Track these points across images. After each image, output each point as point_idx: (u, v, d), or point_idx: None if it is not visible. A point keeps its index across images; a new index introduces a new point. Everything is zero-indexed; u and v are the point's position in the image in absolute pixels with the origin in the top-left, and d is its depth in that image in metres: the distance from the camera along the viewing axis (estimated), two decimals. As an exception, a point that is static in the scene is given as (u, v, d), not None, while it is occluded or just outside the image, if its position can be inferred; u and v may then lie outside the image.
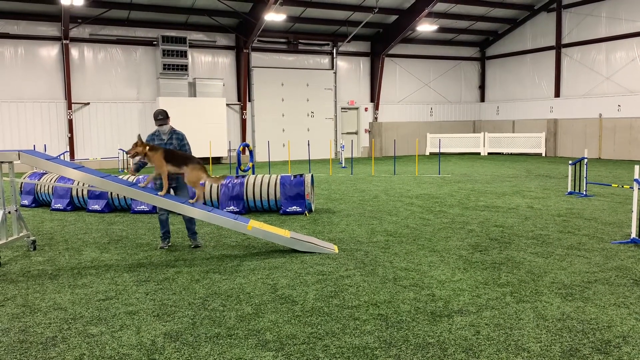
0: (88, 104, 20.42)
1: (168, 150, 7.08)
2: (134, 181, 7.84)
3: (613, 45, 21.60)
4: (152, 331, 4.37)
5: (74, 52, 20.14)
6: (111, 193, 10.27)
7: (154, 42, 21.01)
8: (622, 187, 11.95)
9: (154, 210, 10.09)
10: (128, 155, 7.20)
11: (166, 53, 20.63)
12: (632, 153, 20.94)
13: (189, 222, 7.32)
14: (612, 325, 4.34)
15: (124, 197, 10.21)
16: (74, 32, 19.88)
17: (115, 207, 10.54)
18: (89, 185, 9.83)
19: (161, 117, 7.42)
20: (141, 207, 10.18)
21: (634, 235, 7.14)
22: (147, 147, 6.90)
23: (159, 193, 6.92)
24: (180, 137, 7.54)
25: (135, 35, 20.93)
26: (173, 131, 7.53)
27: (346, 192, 12.60)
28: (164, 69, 20.66)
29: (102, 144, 20.69)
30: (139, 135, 7.08)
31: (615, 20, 21.40)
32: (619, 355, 3.80)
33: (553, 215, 9.20)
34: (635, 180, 7.16)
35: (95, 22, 20.01)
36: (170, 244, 7.50)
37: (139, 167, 7.44)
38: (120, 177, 9.34)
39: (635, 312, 4.60)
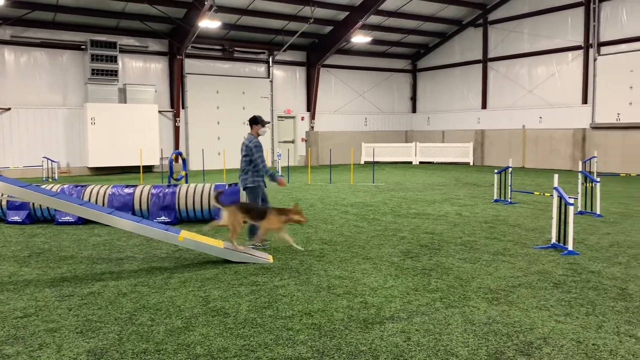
0: (9, 109, 19.31)
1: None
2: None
3: (535, 60, 22.87)
4: (75, 349, 4.15)
5: (-6, 54, 19.02)
6: (33, 203, 9.72)
7: (82, 47, 20.20)
8: (544, 194, 12.61)
9: (79, 221, 9.65)
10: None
11: (95, 58, 19.87)
12: (552, 162, 22.18)
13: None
14: (534, 327, 4.54)
15: (47, 207, 9.69)
16: (-6, 34, 18.79)
17: (37, 218, 9.98)
18: (8, 196, 9.25)
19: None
20: (66, 218, 9.70)
21: (554, 240, 7.53)
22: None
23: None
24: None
25: (62, 39, 20.04)
26: None
27: (282, 201, 12.56)
28: (93, 74, 19.90)
29: (25, 151, 19.60)
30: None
31: (536, 37, 22.67)
32: (540, 356, 3.97)
33: (480, 222, 9.56)
34: (555, 188, 7.56)
35: (17, 23, 19.00)
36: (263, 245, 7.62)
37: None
38: (44, 186, 8.88)
39: (555, 314, 4.84)
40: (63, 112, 20.27)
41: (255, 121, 7.83)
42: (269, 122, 7.97)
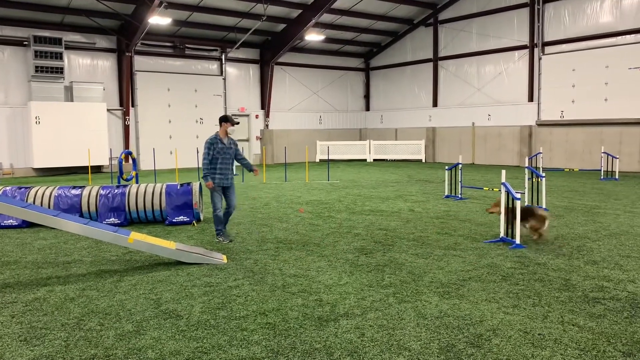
0: (-55, 108, 18.35)
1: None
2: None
3: (483, 59, 23.49)
4: (18, 358, 3.98)
5: None
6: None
7: (25, 43, 19.38)
8: (492, 189, 12.98)
9: (23, 224, 9.27)
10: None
11: (39, 54, 19.11)
12: (501, 158, 22.86)
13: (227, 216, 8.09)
14: (484, 319, 4.66)
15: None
16: None
17: (-23, 222, 9.52)
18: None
19: (233, 119, 8.12)
20: (9, 221, 9.29)
21: (502, 234, 7.76)
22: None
23: None
24: (236, 143, 8.20)
25: (2, 34, 19.17)
26: (230, 137, 8.14)
27: (237, 200, 12.42)
28: (37, 71, 19.13)
29: (-37, 152, 18.65)
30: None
31: (484, 37, 23.29)
32: (489, 347, 4.08)
33: (432, 218, 9.75)
34: (503, 183, 7.78)
35: (-47, 17, 18.06)
36: (230, 239, 8.02)
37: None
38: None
39: (503, 306, 4.98)
40: (5, 111, 19.41)
41: (225, 119, 8.03)
42: (238, 123, 8.20)
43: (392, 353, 3.99)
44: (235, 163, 8.41)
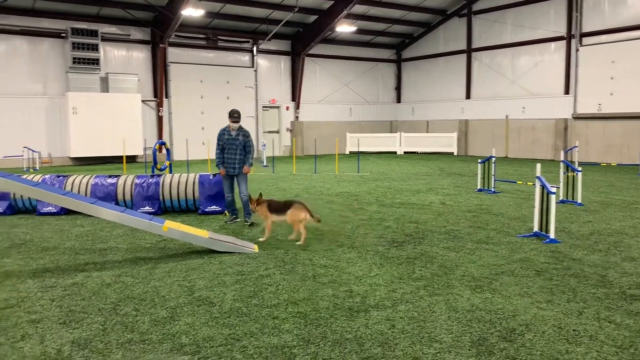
0: (-13, 98, 18.95)
1: (270, 201, 7.50)
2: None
3: (518, 50, 23.00)
4: (58, 340, 4.12)
5: (-29, 42, 18.60)
6: (14, 194, 9.57)
7: (63, 35, 19.84)
8: (526, 184, 12.75)
9: (61, 211, 9.54)
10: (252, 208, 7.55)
11: (76, 46, 19.53)
12: (535, 152, 22.40)
13: (246, 204, 8.48)
14: (517, 314, 4.60)
15: (29, 198, 9.56)
16: (-29, 21, 18.37)
17: (18, 209, 9.83)
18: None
19: (236, 115, 8.58)
20: (48, 208, 9.58)
21: (536, 229, 7.63)
22: (256, 202, 7.36)
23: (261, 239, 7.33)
24: (247, 134, 8.72)
25: (42, 27, 19.66)
26: (240, 129, 8.65)
27: (267, 191, 12.53)
28: (74, 62, 19.56)
29: (5, 141, 19.21)
30: (260, 193, 7.64)
31: (519, 28, 22.79)
32: (522, 342, 4.03)
33: (464, 211, 9.64)
34: (538, 177, 7.64)
35: (-5, 10, 18.59)
36: (237, 219, 8.79)
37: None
38: (25, 176, 8.75)
39: (536, 301, 4.91)
40: (44, 102, 19.94)
41: (229, 114, 8.62)
42: (236, 121, 8.57)
43: (422, 345, 3.99)
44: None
